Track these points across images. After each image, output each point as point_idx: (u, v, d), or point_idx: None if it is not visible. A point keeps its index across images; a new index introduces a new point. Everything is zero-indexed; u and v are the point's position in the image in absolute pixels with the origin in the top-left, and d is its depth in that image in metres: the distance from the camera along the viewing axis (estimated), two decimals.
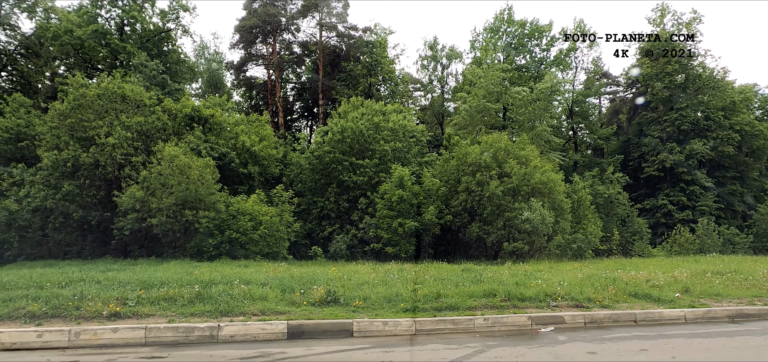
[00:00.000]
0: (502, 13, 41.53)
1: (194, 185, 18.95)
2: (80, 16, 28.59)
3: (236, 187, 23.49)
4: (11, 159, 22.68)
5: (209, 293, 8.13)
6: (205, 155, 21.36)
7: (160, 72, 27.65)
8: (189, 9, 31.03)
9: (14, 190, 20.46)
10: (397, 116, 26.17)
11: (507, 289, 9.22)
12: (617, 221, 30.55)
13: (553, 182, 21.99)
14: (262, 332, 6.84)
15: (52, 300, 7.31)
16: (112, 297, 7.63)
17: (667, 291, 9.81)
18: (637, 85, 40.24)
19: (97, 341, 6.38)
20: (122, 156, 19.93)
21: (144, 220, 18.79)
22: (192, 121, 23.45)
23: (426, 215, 21.35)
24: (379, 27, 38.50)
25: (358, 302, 8.28)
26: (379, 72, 37.60)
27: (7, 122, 22.86)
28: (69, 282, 8.93)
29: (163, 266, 14.51)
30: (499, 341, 6.90)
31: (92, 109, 20.70)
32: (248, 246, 19.43)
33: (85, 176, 19.88)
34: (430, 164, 26.22)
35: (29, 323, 6.71)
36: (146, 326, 6.61)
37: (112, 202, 19.98)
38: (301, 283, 9.51)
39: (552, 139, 31.81)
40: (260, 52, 38.04)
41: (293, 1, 36.29)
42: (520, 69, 40.76)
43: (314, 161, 25.30)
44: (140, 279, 9.48)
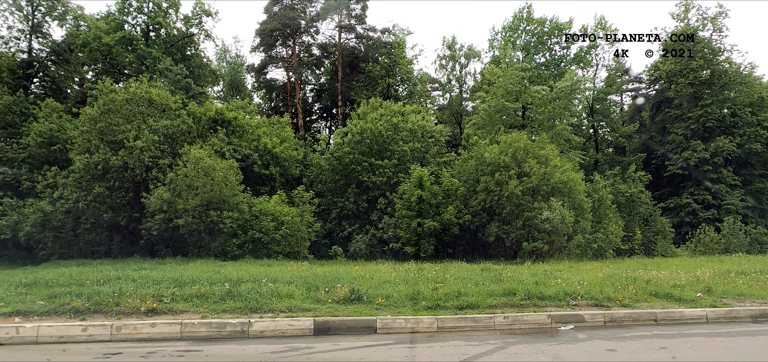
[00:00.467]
0: (521, 11, 41.33)
1: (218, 186, 19.47)
2: (108, 23, 29.57)
3: (258, 188, 24.00)
4: (44, 162, 23.65)
5: (239, 291, 8.49)
6: (229, 157, 21.91)
7: (184, 76, 28.43)
8: (211, 13, 31.77)
9: (48, 192, 21.35)
10: (415, 117, 26.36)
11: (526, 288, 9.36)
12: (639, 221, 30.13)
13: (573, 181, 21.88)
14: (290, 328, 7.15)
15: (93, 297, 7.76)
16: (148, 294, 8.05)
17: (688, 290, 9.79)
18: (661, 81, 39.55)
19: (137, 335, 6.78)
20: (150, 159, 20.59)
21: (171, 221, 19.40)
22: (215, 123, 24.06)
23: (445, 215, 21.49)
24: (397, 28, 38.77)
25: (380, 300, 8.53)
26: (397, 73, 37.84)
27: (41, 126, 23.82)
28: (107, 279, 9.42)
29: (191, 265, 15.02)
30: (519, 338, 7.06)
31: (121, 113, 21.43)
32: (270, 246, 19.85)
33: (115, 178, 20.59)
34: (448, 164, 26.33)
35: (74, 318, 7.16)
36: (182, 321, 6.99)
37: (140, 203, 20.68)
38: (324, 282, 9.81)
39: (572, 138, 31.55)
40: (280, 55, 38.68)
41: (312, 4, 36.80)
42: (540, 67, 40.50)
43: (334, 161, 25.66)
44: (172, 277, 9.92)
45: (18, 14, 28.51)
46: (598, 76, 41.95)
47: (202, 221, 19.34)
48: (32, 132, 23.71)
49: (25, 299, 7.81)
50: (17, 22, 28.64)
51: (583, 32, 40.35)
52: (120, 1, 29.35)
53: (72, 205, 20.35)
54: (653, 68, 40.22)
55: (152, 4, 30.02)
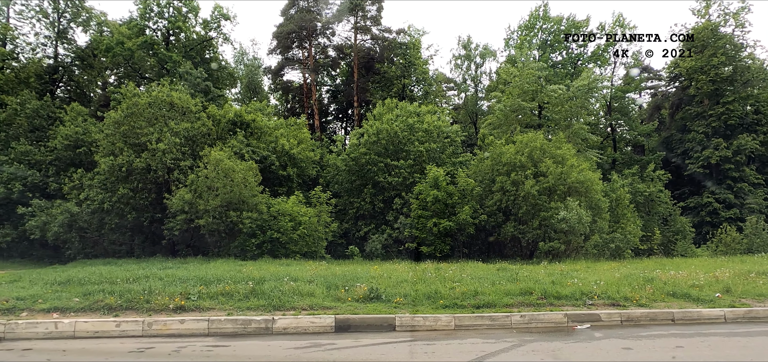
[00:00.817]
0: (537, 10, 41.05)
1: (238, 187, 19.88)
2: (130, 28, 30.32)
3: (276, 189, 24.39)
4: (70, 164, 24.43)
5: (262, 289, 8.78)
6: (248, 159, 22.34)
7: (203, 79, 29.04)
8: (230, 17, 32.31)
9: (74, 193, 22.06)
10: (431, 117, 26.49)
11: (543, 287, 9.46)
12: (658, 220, 29.78)
13: (590, 181, 21.77)
14: (312, 325, 7.40)
15: (125, 294, 8.13)
16: (176, 292, 8.39)
17: (707, 290, 9.77)
18: (681, 79, 38.93)
19: (167, 331, 7.10)
20: (172, 161, 21.12)
21: (192, 221, 19.88)
22: (235, 126, 24.53)
23: (460, 215, 21.57)
24: (412, 28, 38.89)
25: (399, 299, 8.73)
26: (412, 73, 37.99)
27: (67, 130, 24.59)
28: (136, 278, 9.81)
29: (212, 264, 15.42)
30: (535, 336, 7.19)
31: (143, 116, 22.02)
32: (288, 246, 20.18)
33: (138, 179, 21.17)
34: (464, 165, 26.39)
35: (108, 314, 7.52)
36: (208, 318, 7.30)
37: (162, 204, 21.23)
38: (343, 281, 10.05)
39: (589, 137, 31.28)
40: (296, 57, 39.15)
41: (329, 6, 37.17)
42: (557, 66, 40.19)
43: (350, 162, 25.93)
44: (197, 276, 10.27)
45: (44, 21, 29.44)
46: (616, 74, 41.48)
47: (223, 222, 19.76)
48: (59, 135, 24.49)
49: (61, 296, 8.22)
50: (44, 28, 29.60)
51: (600, 30, 39.87)
52: (141, 7, 30.07)
53: (97, 206, 21.00)
54: (673, 65, 39.62)
55: (172, 8, 30.69)
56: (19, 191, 23.38)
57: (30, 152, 24.71)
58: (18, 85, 27.08)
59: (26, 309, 7.54)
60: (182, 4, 30.91)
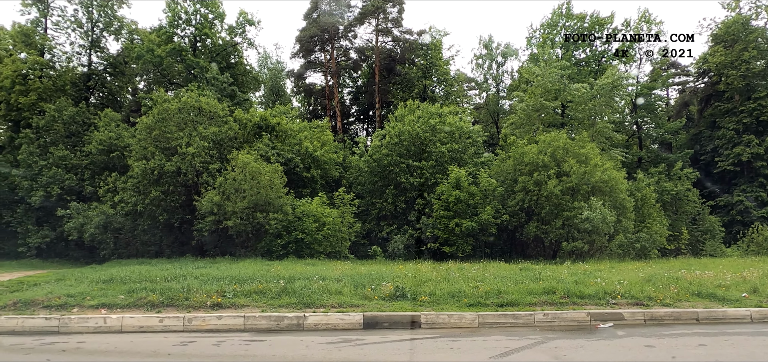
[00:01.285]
0: (560, 7, 40.60)
1: (264, 189, 20.42)
2: (159, 36, 31.34)
3: (300, 190, 24.91)
4: (104, 168, 25.48)
5: (292, 287, 9.19)
6: (273, 161, 22.90)
7: (229, 84, 29.82)
8: (254, 23, 33.03)
9: (109, 196, 23.03)
10: (453, 118, 26.63)
11: (566, 287, 9.58)
12: (686, 220, 29.18)
13: (614, 180, 21.59)
14: (341, 322, 7.74)
15: (165, 292, 8.63)
16: (212, 290, 8.86)
17: (733, 290, 9.73)
18: (710, 74, 38.00)
19: (206, 326, 7.55)
20: (201, 164, 21.84)
21: (220, 222, 20.53)
22: (260, 129, 25.16)
23: (482, 215, 21.67)
24: (433, 29, 39.03)
25: (423, 297, 9.00)
26: (433, 74, 38.15)
27: (101, 135, 25.64)
28: (173, 277, 10.35)
29: (241, 264, 15.96)
30: (558, 334, 7.36)
31: (173, 121, 22.82)
32: (313, 246, 20.62)
33: (169, 182, 21.95)
34: (486, 165, 26.44)
35: (151, 310, 8.03)
36: (244, 314, 7.72)
37: (191, 206, 21.97)
38: (369, 280, 10.37)
39: (613, 135, 30.88)
40: (319, 60, 39.76)
41: (350, 9, 37.65)
42: (580, 63, 39.70)
43: (372, 163, 26.26)
44: (229, 275, 10.75)
45: (79, 31, 30.69)
46: (641, 71, 40.72)
47: (250, 223, 20.33)
48: (94, 140, 25.56)
49: (106, 293, 8.77)
50: (78, 38, 30.83)
51: (625, 26, 39.18)
52: (170, 15, 31.06)
53: (131, 208, 21.88)
54: (701, 60, 38.70)
55: (199, 16, 31.60)
56: (56, 195, 24.54)
57: (67, 157, 25.83)
58: (55, 92, 28.32)
59: (77, 306, 8.11)
60: (209, 11, 31.79)
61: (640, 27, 38.40)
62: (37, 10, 29.53)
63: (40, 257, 24.76)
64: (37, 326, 7.41)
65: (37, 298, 8.29)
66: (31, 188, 24.94)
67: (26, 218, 25.24)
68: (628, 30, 38.69)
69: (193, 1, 31.37)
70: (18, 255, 24.61)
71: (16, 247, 25.04)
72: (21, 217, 25.24)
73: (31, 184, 25.13)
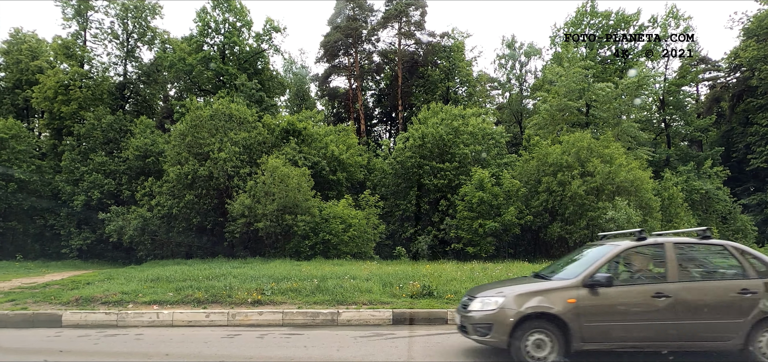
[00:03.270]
0: (584, 6, 40.30)
1: (293, 192, 21.12)
2: (190, 45, 32.63)
3: (326, 193, 25.59)
4: (140, 173, 26.72)
5: (326, 286, 9.78)
6: (301, 165, 23.62)
7: (257, 90, 30.82)
8: (280, 30, 33.97)
9: (146, 200, 24.18)
10: (476, 120, 26.88)
11: None
12: (717, 219, 28.71)
13: (639, 179, 21.53)
14: (372, 317, 8.27)
15: (210, 290, 9.34)
16: (252, 288, 9.52)
17: None
18: (742, 69, 37.10)
19: (248, 321, 8.19)
20: (232, 168, 22.74)
21: (251, 224, 21.34)
22: (287, 134, 25.95)
23: (506, 216, 21.90)
24: (456, 31, 39.31)
25: (449, 295, 9.45)
26: (456, 75, 38.41)
27: (138, 141, 26.88)
28: (214, 276, 11.09)
29: (272, 264, 16.65)
30: None
31: (206, 128, 23.81)
32: (339, 247, 21.19)
33: (202, 186, 22.93)
34: (509, 166, 26.61)
35: (197, 306, 8.72)
36: (282, 310, 8.34)
37: (223, 209, 22.90)
38: (396, 279, 10.88)
39: (639, 134, 30.56)
40: (342, 64, 40.52)
41: (373, 14, 38.27)
42: (605, 61, 39.29)
43: (396, 166, 26.75)
44: (265, 274, 11.42)
45: (115, 42, 32.21)
46: (669, 67, 39.98)
47: (279, 225, 21.06)
48: (130, 147, 26.83)
49: (156, 291, 9.53)
50: (115, 49, 32.36)
51: (652, 22, 38.55)
52: (200, 25, 32.28)
53: (167, 211, 22.94)
54: (733, 55, 37.82)
55: (228, 25, 32.73)
56: (97, 199, 25.90)
57: (105, 163, 27.18)
58: (93, 101, 29.81)
59: (131, 302, 8.87)
60: (237, 19, 32.90)
61: (668, 23, 37.81)
62: (77, 24, 31.12)
63: (81, 257, 26.16)
64: (98, 320, 8.19)
65: (96, 295, 9.09)
66: (74, 193, 26.38)
67: (68, 222, 26.70)
68: (654, 27, 38.14)
69: (222, 11, 32.52)
70: (61, 256, 26.05)
71: (59, 248, 26.52)
72: (63, 220, 26.71)
73: (73, 189, 26.58)
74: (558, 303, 5.67)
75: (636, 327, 5.64)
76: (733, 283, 5.76)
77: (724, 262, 6.08)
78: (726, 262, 6.04)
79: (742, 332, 5.54)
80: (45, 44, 33.61)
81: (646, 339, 5.61)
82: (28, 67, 31.56)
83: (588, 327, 5.61)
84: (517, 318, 5.63)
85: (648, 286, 5.81)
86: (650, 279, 5.93)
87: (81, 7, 30.56)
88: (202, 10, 32.18)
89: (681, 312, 5.60)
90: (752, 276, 5.73)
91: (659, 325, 5.58)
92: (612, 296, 5.69)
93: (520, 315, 5.63)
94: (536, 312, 5.65)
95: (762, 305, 5.53)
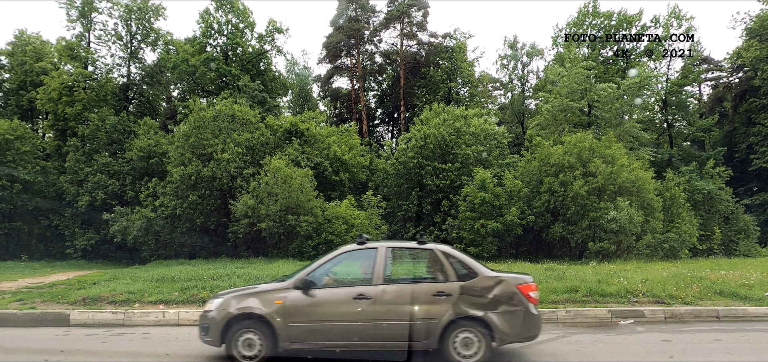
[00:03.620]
0: (586, 6, 40.30)
1: (295, 193, 21.24)
2: (193, 46, 32.80)
3: (329, 193, 25.70)
4: (144, 174, 26.90)
5: None
6: (303, 166, 23.74)
7: (260, 91, 30.96)
8: (283, 30, 34.13)
9: (149, 200, 24.34)
10: (478, 120, 26.96)
11: (589, 286, 9.95)
12: (719, 219, 28.70)
13: (641, 180, 21.57)
14: None
15: (215, 289, 9.45)
16: None
17: (757, 289, 9.89)
18: (744, 69, 37.07)
19: None
20: (235, 169, 22.88)
21: (254, 225, 21.48)
22: (290, 135, 26.08)
23: (507, 216, 21.96)
24: (458, 32, 39.43)
25: None
26: (458, 76, 38.48)
27: (141, 142, 27.07)
28: (219, 276, 11.21)
29: (274, 264, 16.78)
30: (579, 330, 7.79)
31: (209, 129, 23.96)
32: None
33: (205, 187, 23.07)
34: (511, 166, 26.67)
35: (203, 306, 8.79)
36: None
37: (226, 209, 23.04)
38: None
39: (641, 135, 30.55)
40: (345, 65, 40.65)
41: (376, 14, 38.36)
42: (607, 61, 39.28)
43: (398, 166, 26.85)
44: (268, 274, 11.53)
45: (119, 43, 32.41)
46: (672, 67, 39.93)
47: (282, 225, 21.18)
48: (134, 148, 27.01)
49: (161, 290, 9.65)
50: (118, 50, 32.56)
51: (654, 23, 38.50)
52: (203, 26, 32.44)
53: (170, 212, 23.09)
54: (735, 55, 37.79)
55: (231, 26, 32.89)
56: (101, 200, 26.08)
57: (109, 164, 27.35)
58: (97, 102, 30.01)
59: (137, 302, 8.99)
60: (240, 20, 33.05)
61: (670, 23, 37.76)
62: (81, 26, 31.33)
63: (85, 258, 26.35)
64: (105, 319, 8.32)
65: (102, 295, 9.23)
66: (78, 194, 26.57)
67: (73, 222, 26.89)
68: (656, 27, 38.10)
69: (225, 12, 32.68)
70: (65, 257, 26.24)
71: (63, 249, 26.72)
72: (68, 221, 26.91)
73: (78, 190, 26.77)
74: (267, 304, 5.86)
75: (337, 328, 5.77)
76: (431, 286, 5.89)
77: (431, 266, 6.17)
78: (432, 266, 6.14)
79: (437, 332, 5.62)
80: (49, 46, 33.84)
81: (346, 339, 5.74)
82: (32, 68, 31.80)
83: (293, 328, 5.78)
84: (227, 319, 5.85)
85: (351, 289, 5.95)
86: (356, 282, 6.09)
87: (85, 8, 30.77)
88: (205, 12, 32.36)
89: (379, 313, 5.72)
90: (451, 279, 5.85)
91: (359, 326, 5.71)
92: (318, 298, 5.86)
93: (230, 316, 5.85)
94: (244, 313, 5.85)
95: (456, 307, 5.66)
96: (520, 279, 5.89)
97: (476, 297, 5.68)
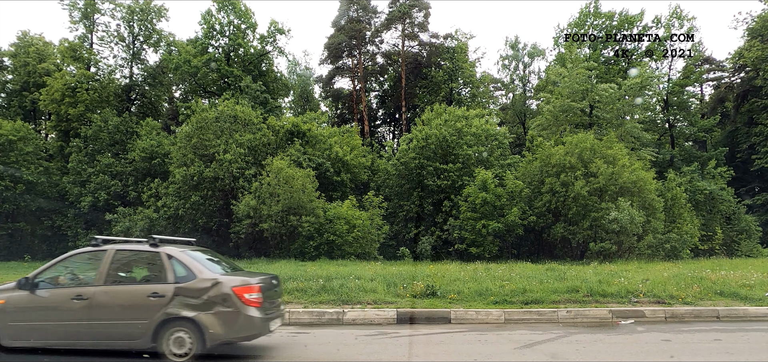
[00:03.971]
0: (587, 7, 40.27)
1: (297, 193, 21.31)
2: (195, 47, 32.90)
3: (331, 194, 25.76)
4: (146, 174, 26.99)
5: (331, 286, 9.94)
6: (305, 166, 23.81)
7: (262, 92, 31.04)
8: (284, 31, 34.23)
9: (152, 201, 24.44)
10: (479, 121, 26.99)
11: (589, 286, 9.99)
12: (720, 219, 28.66)
13: (642, 180, 21.58)
14: (377, 317, 8.42)
15: None
16: None
17: (757, 290, 9.92)
18: (746, 69, 37.00)
19: None
20: (237, 170, 22.96)
21: (256, 225, 21.56)
22: (292, 135, 26.15)
23: (509, 217, 22.00)
24: (459, 32, 39.43)
25: (452, 295, 9.59)
26: (459, 76, 38.52)
27: (144, 143, 27.17)
28: None
29: (276, 264, 16.83)
30: (580, 330, 7.84)
31: (211, 130, 24.05)
32: (343, 247, 21.35)
33: (207, 187, 23.16)
34: (512, 167, 26.70)
35: None
36: (288, 310, 8.49)
37: (228, 209, 23.12)
38: (401, 279, 11.03)
39: (642, 135, 30.53)
40: (346, 66, 40.71)
41: (377, 15, 38.44)
42: (609, 62, 39.25)
43: (400, 167, 26.89)
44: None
45: (121, 45, 32.54)
46: (674, 67, 39.87)
47: (284, 225, 21.25)
48: (136, 148, 27.11)
49: None
50: (121, 51, 32.70)
51: (655, 23, 38.43)
52: (205, 28, 32.54)
53: (173, 212, 23.19)
54: (737, 55, 37.71)
55: (233, 27, 32.98)
56: (104, 201, 26.18)
57: (112, 164, 27.46)
58: (100, 103, 30.14)
59: None
60: (241, 21, 33.14)
61: (671, 24, 37.71)
62: (84, 27, 31.48)
63: None
64: None
65: None
66: (80, 195, 26.68)
67: (76, 223, 27.01)
68: (658, 27, 38.05)
69: (227, 13, 32.78)
70: None
71: (66, 249, 26.64)
72: (71, 221, 27.02)
73: (80, 190, 26.88)
74: None
75: (55, 327, 6.02)
76: (147, 287, 6.02)
77: (153, 268, 6.26)
78: (155, 268, 6.22)
79: (150, 332, 5.76)
80: (52, 47, 33.99)
81: (64, 337, 5.98)
82: (35, 69, 31.93)
83: (14, 326, 6.10)
84: None
85: (70, 289, 6.18)
86: (81, 283, 6.27)
87: (88, 10, 30.90)
88: (207, 13, 32.47)
89: (95, 313, 5.91)
90: (168, 281, 5.95)
91: (75, 325, 5.94)
92: (41, 298, 6.13)
93: None
94: None
95: (168, 307, 5.79)
96: (237, 282, 6.00)
97: (190, 298, 5.81)
